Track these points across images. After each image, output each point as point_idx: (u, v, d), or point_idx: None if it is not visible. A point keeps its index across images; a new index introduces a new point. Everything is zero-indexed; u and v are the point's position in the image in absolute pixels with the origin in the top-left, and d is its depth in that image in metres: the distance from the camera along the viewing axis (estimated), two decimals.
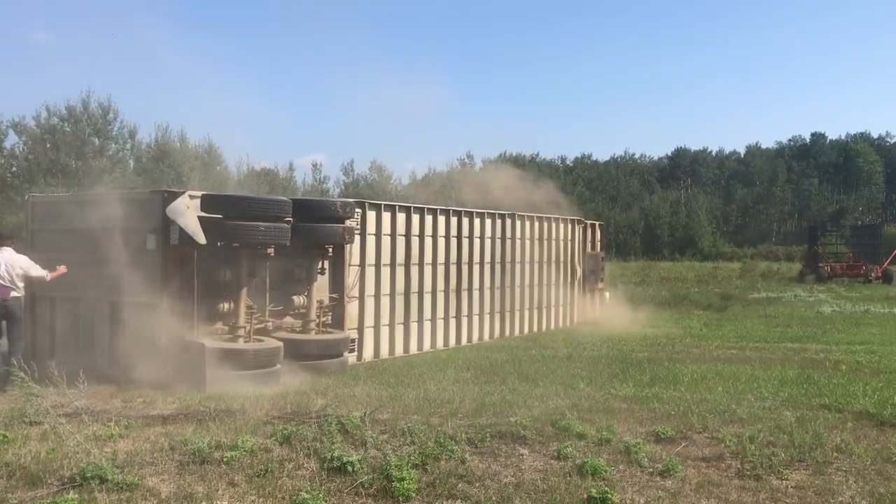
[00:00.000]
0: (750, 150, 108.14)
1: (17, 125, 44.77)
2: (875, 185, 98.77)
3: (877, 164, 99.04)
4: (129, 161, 48.72)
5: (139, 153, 49.28)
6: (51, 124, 44.65)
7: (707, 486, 6.06)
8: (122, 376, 10.24)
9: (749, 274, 44.54)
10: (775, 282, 40.14)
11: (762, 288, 34.39)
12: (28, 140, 44.79)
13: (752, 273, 45.08)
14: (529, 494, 5.79)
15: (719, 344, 15.50)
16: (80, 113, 44.98)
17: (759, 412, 8.31)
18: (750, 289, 33.89)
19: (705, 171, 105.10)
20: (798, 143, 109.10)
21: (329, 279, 12.50)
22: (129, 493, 5.66)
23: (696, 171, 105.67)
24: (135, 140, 48.78)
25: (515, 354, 13.69)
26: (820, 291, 32.44)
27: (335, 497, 5.73)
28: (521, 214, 18.44)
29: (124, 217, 11.09)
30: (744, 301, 27.87)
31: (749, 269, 47.00)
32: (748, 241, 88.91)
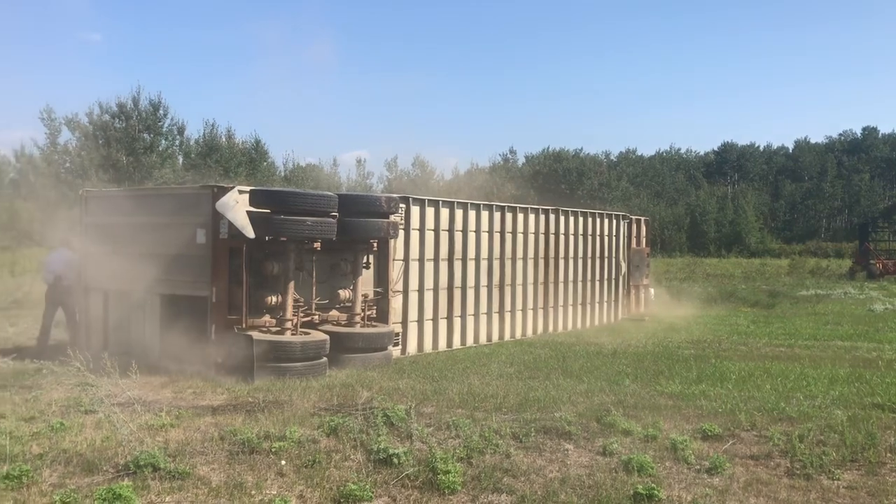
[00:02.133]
0: (798, 145, 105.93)
1: (70, 122, 46.03)
2: None
3: None
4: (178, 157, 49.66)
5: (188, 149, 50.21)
6: (103, 121, 45.75)
7: (755, 485, 5.99)
8: (173, 367, 10.46)
9: (797, 271, 43.70)
10: (825, 279, 39.30)
11: (811, 285, 33.71)
12: (81, 136, 45.97)
13: (800, 270, 44.21)
14: (575, 489, 5.79)
15: (767, 341, 15.26)
16: (131, 110, 45.95)
17: (809, 411, 8.18)
18: (798, 286, 33.24)
19: (752, 167, 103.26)
20: (849, 137, 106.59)
21: (374, 273, 12.60)
22: (181, 482, 5.80)
23: (742, 166, 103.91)
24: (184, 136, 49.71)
25: (559, 350, 13.65)
26: (871, 289, 31.67)
27: (381, 488, 5.80)
28: (566, 210, 18.36)
29: (175, 211, 11.32)
30: (792, 298, 27.36)
31: (797, 266, 46.09)
32: (796, 237, 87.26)
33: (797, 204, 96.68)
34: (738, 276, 39.96)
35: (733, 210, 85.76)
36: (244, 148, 54.35)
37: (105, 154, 44.05)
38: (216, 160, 48.11)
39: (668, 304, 24.00)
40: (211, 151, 49.31)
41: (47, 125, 45.97)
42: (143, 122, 46.05)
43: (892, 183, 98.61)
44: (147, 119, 46.23)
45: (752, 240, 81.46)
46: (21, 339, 14.51)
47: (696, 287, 29.99)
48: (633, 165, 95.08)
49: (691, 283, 32.46)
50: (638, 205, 74.40)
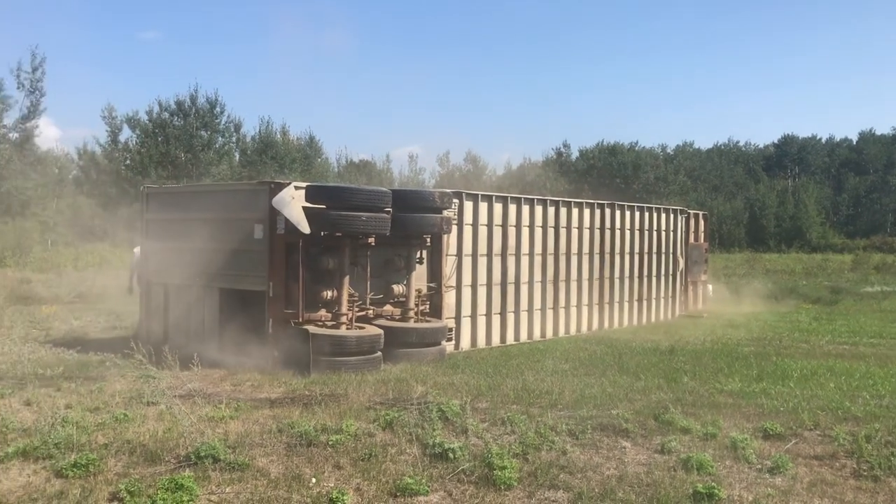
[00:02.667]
0: (863, 137, 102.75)
1: (130, 120, 47.13)
2: None
3: None
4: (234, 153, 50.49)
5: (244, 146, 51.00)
6: (162, 119, 46.73)
7: (820, 486, 5.84)
8: (232, 361, 10.64)
9: (862, 266, 42.46)
10: (891, 275, 38.11)
11: (876, 281, 32.73)
12: (141, 134, 47.03)
13: (864, 265, 42.95)
14: (633, 487, 5.72)
15: (830, 339, 14.86)
16: (189, 107, 46.86)
17: (876, 410, 7.93)
18: (863, 282, 32.32)
19: (814, 159, 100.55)
20: None
21: (427, 268, 12.62)
22: (241, 473, 5.89)
23: (804, 158, 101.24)
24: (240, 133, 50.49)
25: (615, 347, 13.49)
26: None
27: (437, 483, 5.80)
28: (622, 204, 18.14)
29: (233, 207, 11.51)
30: (856, 295, 26.60)
31: (861, 262, 44.79)
32: (860, 232, 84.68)
33: (861, 198, 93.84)
34: (798, 272, 39.03)
35: (794, 204, 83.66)
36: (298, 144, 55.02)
37: (164, 151, 45.04)
38: (271, 157, 48.77)
39: (727, 301, 23.55)
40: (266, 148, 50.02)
41: (108, 123, 47.19)
42: (201, 119, 46.94)
43: None
44: (204, 116, 47.11)
45: (814, 235, 79.39)
46: (85, 331, 14.92)
47: (756, 283, 29.34)
48: (691, 159, 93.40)
49: (751, 279, 31.78)
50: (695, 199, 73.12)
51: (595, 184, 77.51)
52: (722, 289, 25.71)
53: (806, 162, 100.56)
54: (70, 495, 5.40)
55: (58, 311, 17.44)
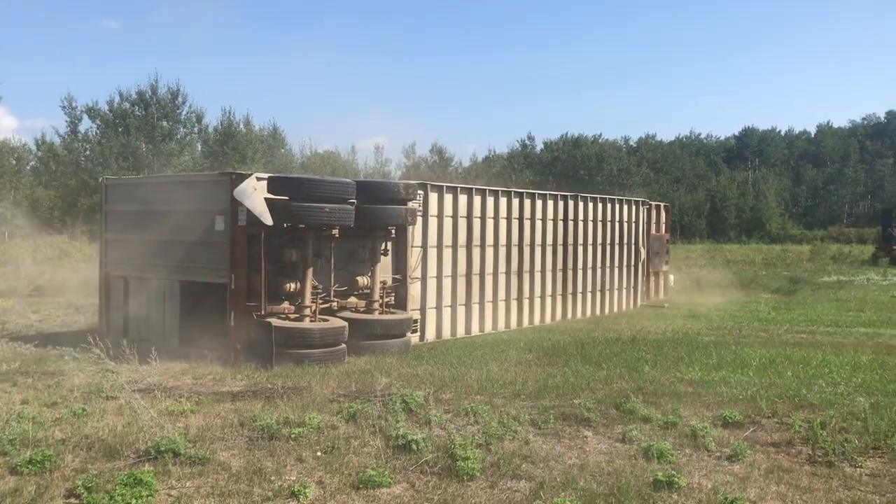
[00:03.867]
0: (821, 130, 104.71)
1: (90, 110, 46.27)
2: None
3: None
4: (196, 144, 49.84)
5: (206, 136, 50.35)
6: (122, 109, 45.94)
7: (777, 472, 5.94)
8: (193, 354, 10.52)
9: (819, 257, 43.32)
10: (847, 265, 38.95)
11: (833, 271, 33.39)
12: (101, 125, 46.22)
13: (822, 256, 43.83)
14: (594, 476, 5.77)
15: (788, 328, 15.13)
16: (150, 97, 46.13)
17: (831, 398, 8.10)
18: (820, 272, 32.94)
19: (773, 152, 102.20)
20: (872, 121, 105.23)
21: (392, 260, 12.59)
22: (202, 467, 5.84)
23: (763, 151, 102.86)
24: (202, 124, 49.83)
25: (578, 337, 13.60)
26: (894, 275, 31.33)
27: (400, 474, 5.80)
28: (584, 196, 18.25)
29: (193, 199, 11.36)
30: (814, 284, 27.12)
31: (819, 252, 45.68)
32: (818, 223, 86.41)
33: (819, 189, 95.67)
34: (758, 263, 39.66)
35: (754, 196, 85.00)
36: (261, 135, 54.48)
37: (125, 142, 44.28)
38: (233, 147, 48.22)
39: (688, 291, 23.86)
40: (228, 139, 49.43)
41: (68, 114, 46.27)
42: (162, 109, 46.24)
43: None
44: (165, 107, 46.41)
45: (773, 226, 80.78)
46: (43, 325, 14.66)
47: (717, 273, 29.74)
48: (653, 151, 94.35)
49: (711, 270, 32.20)
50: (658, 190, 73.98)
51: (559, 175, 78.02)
52: (683, 279, 26.04)
53: (766, 154, 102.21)
54: (25, 493, 5.30)
55: (15, 305, 17.11)
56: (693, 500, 5.37)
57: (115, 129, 45.26)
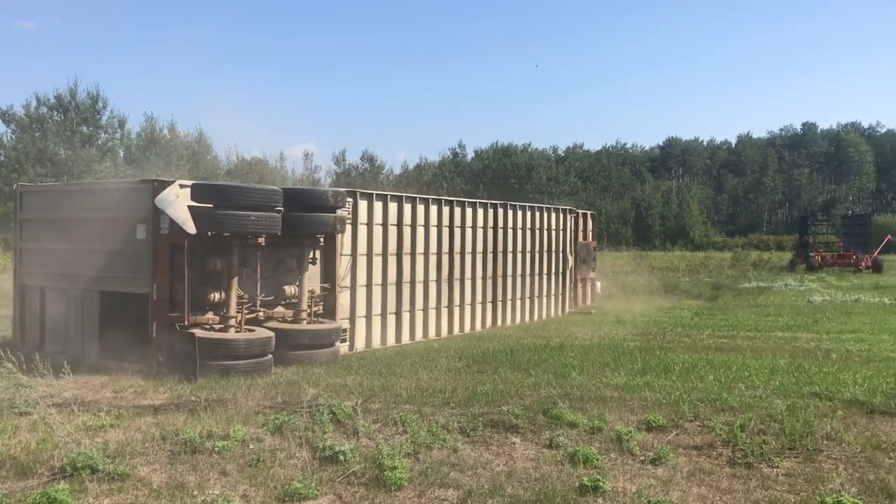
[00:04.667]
0: (741, 140, 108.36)
1: (5, 114, 44.52)
2: (865, 175, 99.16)
3: (867, 154, 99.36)
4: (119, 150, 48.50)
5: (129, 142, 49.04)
6: (39, 113, 44.39)
7: (698, 474, 6.08)
8: (113, 367, 10.20)
9: (740, 263, 44.69)
10: (766, 271, 40.30)
11: (753, 277, 34.49)
12: (17, 129, 44.53)
13: (742, 262, 45.25)
14: (521, 482, 5.80)
15: (710, 333, 15.54)
16: (69, 102, 44.69)
17: (750, 401, 8.33)
18: (741, 278, 33.99)
19: (696, 161, 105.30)
20: (789, 132, 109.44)
21: (320, 269, 12.45)
22: (121, 483, 5.65)
23: (687, 160, 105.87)
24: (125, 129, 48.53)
25: (507, 344, 13.69)
26: (810, 281, 32.55)
27: (327, 486, 5.72)
28: (514, 204, 18.43)
29: (114, 207, 11.03)
30: (734, 290, 27.95)
31: (740, 259, 47.16)
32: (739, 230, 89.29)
33: (740, 198, 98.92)
34: (682, 269, 40.67)
35: (678, 204, 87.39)
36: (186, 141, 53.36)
37: (42, 147, 42.76)
38: (157, 153, 47.08)
39: (615, 298, 24.32)
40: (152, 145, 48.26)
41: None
42: (82, 114, 44.82)
43: (830, 177, 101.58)
44: (85, 112, 45.01)
45: (696, 233, 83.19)
46: None
47: (642, 280, 30.43)
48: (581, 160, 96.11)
49: (637, 277, 32.93)
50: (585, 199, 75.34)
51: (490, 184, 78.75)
52: (610, 286, 26.52)
53: (689, 163, 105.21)
54: None
55: None
56: (617, 503, 5.45)
57: (31, 134, 43.68)
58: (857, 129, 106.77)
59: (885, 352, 12.49)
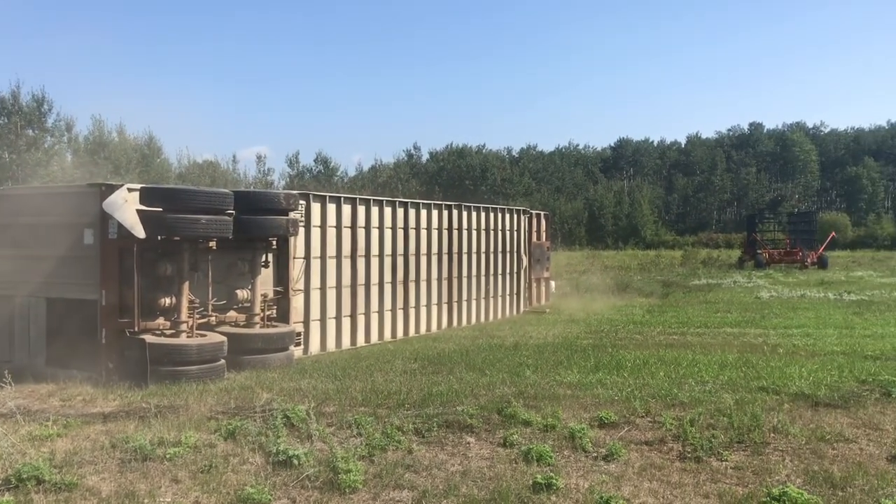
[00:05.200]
0: (690, 140, 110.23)
1: None
2: (810, 174, 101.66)
3: (812, 153, 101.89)
4: (66, 154, 47.44)
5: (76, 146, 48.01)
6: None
7: (649, 469, 6.17)
8: (61, 375, 9.99)
9: (690, 261, 45.45)
10: (715, 268, 41.06)
11: (703, 275, 35.12)
12: None
13: (692, 260, 46.01)
14: (476, 482, 5.83)
15: (661, 330, 15.78)
16: (12, 105, 43.55)
17: (700, 396, 8.48)
18: (691, 276, 34.58)
19: (647, 161, 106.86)
20: (737, 132, 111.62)
21: (273, 272, 12.35)
22: (68, 493, 5.54)
23: (638, 160, 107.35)
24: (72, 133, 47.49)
25: (462, 344, 13.73)
26: (758, 277, 33.27)
27: (281, 490, 5.69)
28: (467, 205, 18.49)
29: (61, 211, 10.81)
30: (685, 288, 28.43)
31: (690, 257, 47.96)
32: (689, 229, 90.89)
33: (689, 197, 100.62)
34: (634, 268, 41.23)
35: (629, 204, 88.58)
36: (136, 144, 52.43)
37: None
38: (106, 157, 46.16)
39: (569, 297, 24.55)
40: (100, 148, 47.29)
41: None
42: (26, 117, 43.72)
43: (776, 176, 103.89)
44: (30, 114, 43.92)
45: (648, 232, 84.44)
46: None
47: (595, 279, 30.75)
48: (535, 161, 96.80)
49: (590, 276, 33.26)
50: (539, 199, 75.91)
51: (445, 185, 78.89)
52: (564, 285, 26.77)
53: (640, 164, 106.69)
54: None
55: None
56: (570, 500, 5.51)
57: None
58: (803, 128, 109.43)
59: (830, 346, 12.82)
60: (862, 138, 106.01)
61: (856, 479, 5.86)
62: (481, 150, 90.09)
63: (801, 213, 64.39)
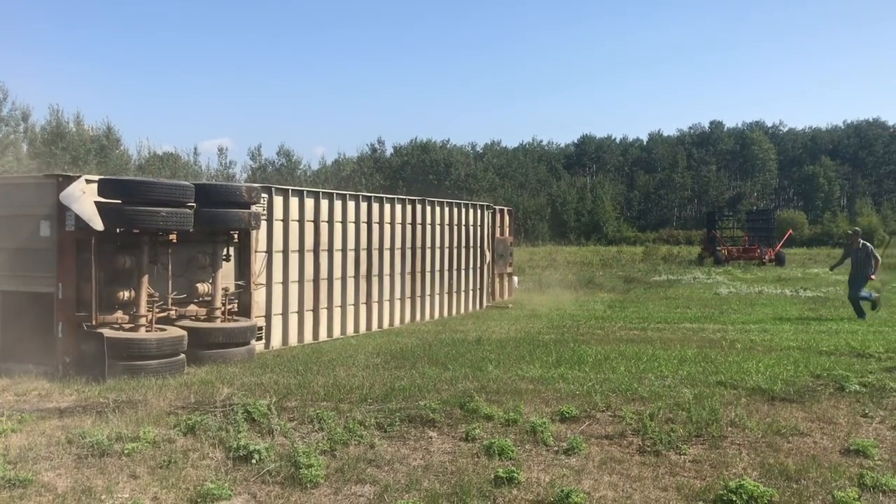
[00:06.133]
0: (652, 138, 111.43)
1: None
2: (769, 172, 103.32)
3: (770, 152, 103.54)
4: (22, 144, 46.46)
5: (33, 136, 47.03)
6: None
7: (610, 463, 6.24)
8: (16, 369, 9.80)
9: (651, 257, 45.98)
10: (676, 265, 41.58)
11: (663, 271, 35.53)
12: None
13: (653, 256, 46.56)
14: (438, 476, 5.85)
15: (622, 325, 15.93)
16: None
17: (660, 390, 8.57)
18: (652, 272, 34.97)
19: (610, 158, 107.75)
20: (698, 130, 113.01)
21: (235, 266, 12.24)
22: (23, 490, 5.44)
23: (600, 157, 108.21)
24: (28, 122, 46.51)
25: (425, 339, 13.74)
26: (717, 273, 33.74)
27: (241, 485, 5.65)
28: (431, 200, 18.50)
29: (16, 203, 10.58)
30: (646, 283, 28.74)
31: (651, 253, 48.53)
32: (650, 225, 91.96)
33: (651, 194, 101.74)
34: (596, 264, 41.57)
35: (592, 200, 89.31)
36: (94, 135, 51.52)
37: None
38: (63, 148, 45.29)
39: (531, 292, 24.69)
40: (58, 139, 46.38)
41: None
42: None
43: (736, 174, 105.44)
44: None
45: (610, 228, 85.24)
46: None
47: (557, 274, 30.99)
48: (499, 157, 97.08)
49: (553, 271, 33.51)
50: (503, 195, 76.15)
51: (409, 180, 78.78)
52: (526, 280, 26.92)
53: (602, 160, 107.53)
54: None
55: None
56: (531, 493, 5.56)
57: None
58: (762, 127, 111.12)
59: (786, 341, 13.04)
60: (819, 138, 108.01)
61: (810, 471, 5.98)
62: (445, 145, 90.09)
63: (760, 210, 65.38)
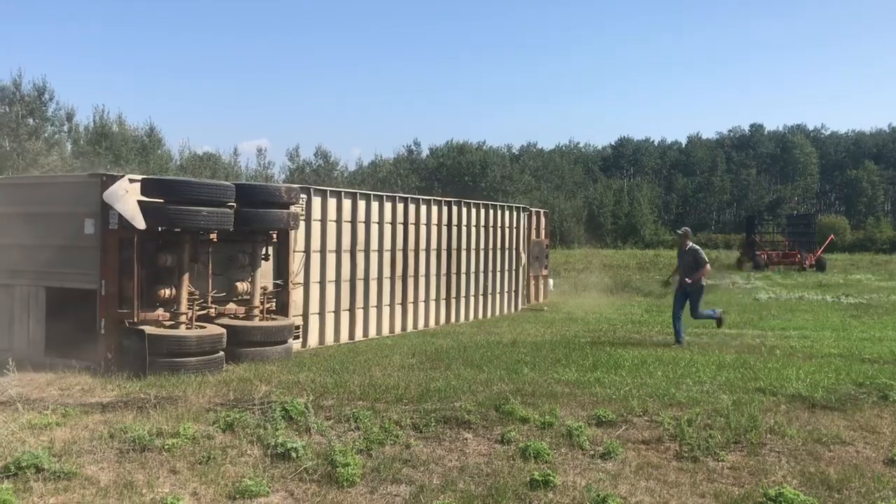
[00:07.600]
0: (691, 140, 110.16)
1: None
2: (810, 176, 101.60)
3: (812, 156, 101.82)
4: (66, 144, 47.40)
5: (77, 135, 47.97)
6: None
7: (646, 468, 6.20)
8: (60, 364, 10.01)
9: None
10: (714, 269, 40.98)
11: None
12: None
13: None
14: (473, 478, 5.85)
15: (659, 329, 15.79)
16: (14, 93, 43.48)
17: (698, 396, 8.50)
18: None
19: (647, 161, 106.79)
20: (737, 133, 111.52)
21: (273, 265, 12.36)
22: (67, 482, 5.55)
23: (638, 160, 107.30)
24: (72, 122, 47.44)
25: (461, 340, 13.76)
26: (756, 279, 33.29)
27: (279, 483, 5.71)
28: (467, 201, 18.51)
29: (62, 201, 10.82)
30: None
31: None
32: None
33: (689, 197, 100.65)
34: (633, 267, 41.31)
35: (629, 203, 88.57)
36: (136, 135, 52.41)
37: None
38: (107, 147, 46.13)
39: (567, 295, 24.58)
40: (101, 139, 47.25)
41: None
42: (27, 106, 43.65)
43: (776, 178, 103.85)
44: (31, 104, 43.85)
45: (647, 231, 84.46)
46: None
47: (594, 277, 30.82)
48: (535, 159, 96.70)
49: (588, 274, 33.33)
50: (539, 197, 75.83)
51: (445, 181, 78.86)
52: (562, 283, 26.80)
53: (640, 163, 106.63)
54: None
55: None
56: (567, 497, 5.54)
57: None
58: (803, 131, 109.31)
59: (827, 348, 12.84)
60: (862, 141, 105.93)
61: (852, 481, 5.89)
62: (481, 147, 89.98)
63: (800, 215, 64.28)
